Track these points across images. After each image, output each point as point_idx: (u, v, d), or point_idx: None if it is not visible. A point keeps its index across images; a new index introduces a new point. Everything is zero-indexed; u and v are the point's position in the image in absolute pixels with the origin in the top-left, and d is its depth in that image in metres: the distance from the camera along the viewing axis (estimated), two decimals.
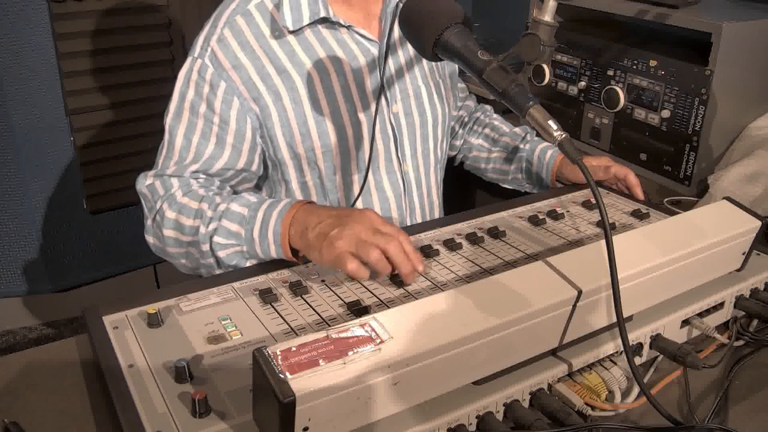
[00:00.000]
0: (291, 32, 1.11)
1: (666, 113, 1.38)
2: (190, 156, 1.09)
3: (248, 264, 1.01)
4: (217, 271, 1.04)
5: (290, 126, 1.11)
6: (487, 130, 1.43)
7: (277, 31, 1.11)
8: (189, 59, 1.11)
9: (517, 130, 1.39)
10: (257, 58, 1.09)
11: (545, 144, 1.32)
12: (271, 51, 1.10)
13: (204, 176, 1.10)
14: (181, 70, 1.12)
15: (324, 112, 1.12)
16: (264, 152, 1.15)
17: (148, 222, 1.09)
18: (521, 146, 1.35)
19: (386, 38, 1.14)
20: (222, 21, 1.10)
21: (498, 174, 1.41)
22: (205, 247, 1.01)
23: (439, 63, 1.28)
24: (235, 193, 1.14)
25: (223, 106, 1.08)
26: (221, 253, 1.01)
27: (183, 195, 1.05)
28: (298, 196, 1.17)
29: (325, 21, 1.12)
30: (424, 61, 1.24)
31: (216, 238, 1.00)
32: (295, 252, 0.96)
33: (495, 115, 1.46)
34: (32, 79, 2.00)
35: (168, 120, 1.11)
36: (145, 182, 1.10)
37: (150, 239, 1.10)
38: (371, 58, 1.15)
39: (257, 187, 1.22)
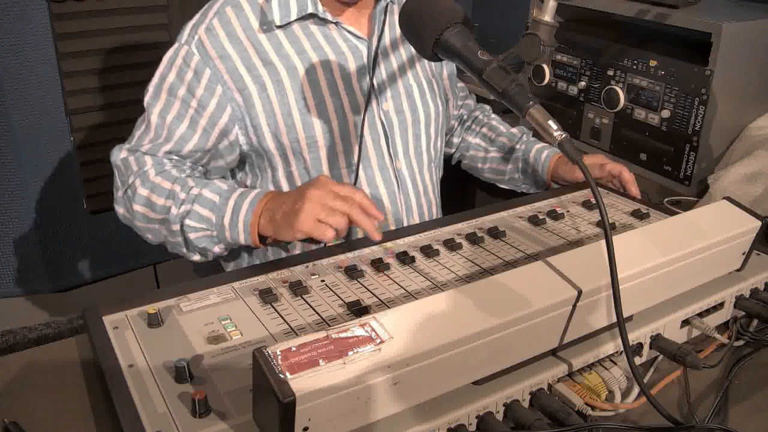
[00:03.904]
0: (279, 27, 1.12)
1: (666, 113, 1.38)
2: (164, 134, 1.12)
3: (217, 249, 1.08)
4: (184, 250, 1.09)
5: (275, 116, 1.12)
6: (484, 130, 1.43)
7: (266, 25, 1.12)
8: (175, 45, 1.14)
9: (514, 130, 1.39)
10: (244, 50, 1.11)
11: (541, 144, 1.33)
12: (258, 43, 1.12)
13: (176, 157, 1.13)
14: (166, 54, 1.14)
15: (309, 105, 1.13)
16: (247, 144, 1.16)
17: (119, 193, 1.13)
18: (518, 146, 1.35)
19: (375, 36, 1.14)
20: (212, 11, 1.13)
21: (495, 174, 1.41)
22: (176, 227, 1.05)
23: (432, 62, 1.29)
24: (207, 172, 1.18)
25: (205, 93, 1.10)
26: (191, 235, 1.05)
27: (156, 174, 1.09)
28: (284, 185, 1.18)
29: (314, 16, 1.13)
30: (416, 58, 1.24)
31: (187, 221, 1.04)
32: (262, 239, 1.04)
33: (493, 115, 1.46)
34: (32, 79, 2.00)
35: (146, 99, 1.14)
36: (119, 155, 1.13)
37: (120, 210, 1.14)
38: (360, 55, 1.16)
39: (240, 171, 1.23)
